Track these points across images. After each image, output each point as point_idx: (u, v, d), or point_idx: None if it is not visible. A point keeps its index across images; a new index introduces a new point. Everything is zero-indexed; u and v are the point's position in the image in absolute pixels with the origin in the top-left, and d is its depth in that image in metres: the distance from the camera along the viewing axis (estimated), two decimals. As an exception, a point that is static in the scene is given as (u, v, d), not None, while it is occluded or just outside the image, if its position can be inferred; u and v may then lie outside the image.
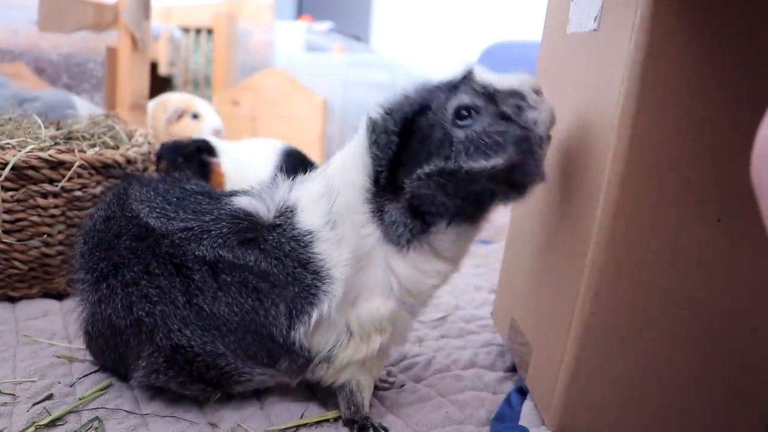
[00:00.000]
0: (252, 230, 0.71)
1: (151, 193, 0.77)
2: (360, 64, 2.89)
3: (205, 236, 0.71)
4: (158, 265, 0.71)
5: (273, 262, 0.69)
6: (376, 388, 0.81)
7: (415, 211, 0.67)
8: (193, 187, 0.79)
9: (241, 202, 0.73)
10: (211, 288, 0.70)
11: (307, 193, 0.72)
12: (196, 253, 0.70)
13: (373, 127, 0.67)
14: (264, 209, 0.72)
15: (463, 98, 0.66)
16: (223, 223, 0.71)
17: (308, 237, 0.69)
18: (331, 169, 0.73)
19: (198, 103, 2.17)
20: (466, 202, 0.66)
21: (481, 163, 0.63)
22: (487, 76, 0.67)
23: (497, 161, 0.63)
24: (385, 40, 5.88)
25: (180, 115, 2.14)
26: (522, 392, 0.82)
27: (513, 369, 0.91)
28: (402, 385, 0.83)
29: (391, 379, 0.84)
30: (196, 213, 0.73)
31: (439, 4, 5.66)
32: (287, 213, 0.71)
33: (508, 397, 0.81)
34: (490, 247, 1.66)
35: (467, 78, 0.67)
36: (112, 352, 0.76)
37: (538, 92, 0.66)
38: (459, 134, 0.65)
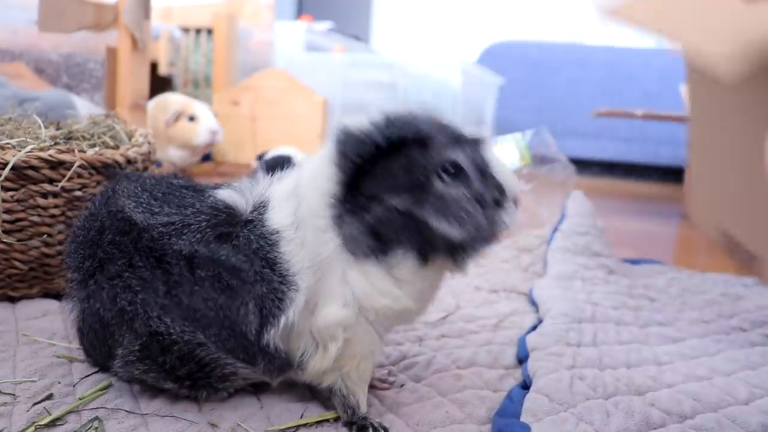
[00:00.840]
0: (229, 224, 0.70)
1: (138, 188, 0.77)
2: (360, 64, 2.89)
3: (185, 230, 0.70)
4: (140, 258, 0.71)
5: (242, 258, 0.68)
6: (376, 388, 0.81)
7: (375, 232, 0.66)
8: (180, 181, 0.80)
9: (223, 195, 0.73)
10: (188, 282, 0.69)
11: (279, 191, 0.72)
12: (175, 248, 0.70)
13: (344, 139, 0.66)
14: (243, 203, 0.72)
15: (461, 158, 0.66)
16: (203, 216, 0.71)
17: (275, 236, 0.68)
18: (303, 169, 0.72)
19: (195, 105, 2.18)
20: (422, 246, 0.66)
21: (443, 227, 0.64)
22: (491, 153, 0.68)
23: (454, 234, 0.65)
24: (385, 40, 5.88)
25: (177, 117, 2.14)
26: (524, 387, 0.83)
27: (513, 366, 0.91)
28: (402, 385, 0.83)
29: (391, 379, 0.84)
30: (180, 207, 0.73)
31: (439, 4, 5.66)
32: (260, 208, 0.71)
33: (510, 392, 0.81)
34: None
35: (475, 141, 0.68)
36: (101, 346, 0.76)
37: (517, 202, 0.68)
38: (438, 186, 0.65)
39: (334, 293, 0.68)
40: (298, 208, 0.69)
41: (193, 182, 0.80)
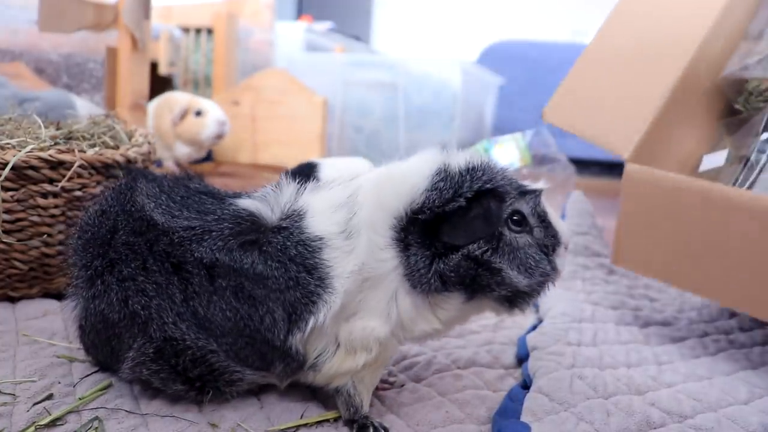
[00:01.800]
0: (254, 232, 0.70)
1: (156, 189, 0.76)
2: (360, 64, 2.89)
3: (206, 237, 0.70)
4: (155, 261, 0.71)
5: (275, 265, 0.68)
6: (376, 388, 0.81)
7: (443, 276, 0.67)
8: (197, 186, 0.79)
9: (245, 204, 0.73)
10: (207, 291, 0.69)
11: (321, 200, 0.72)
12: (195, 255, 0.69)
13: (448, 174, 0.68)
14: (268, 211, 0.72)
15: (525, 209, 0.70)
16: (225, 224, 0.71)
17: (318, 243, 0.69)
18: (359, 182, 0.73)
19: (200, 101, 2.18)
20: (483, 291, 0.69)
21: (514, 275, 0.67)
22: (547, 205, 0.72)
23: (522, 281, 0.68)
24: (385, 40, 5.88)
25: (184, 114, 2.15)
26: (524, 387, 0.83)
27: (513, 366, 0.91)
28: (402, 385, 0.83)
29: (391, 379, 0.84)
30: (200, 213, 0.73)
31: (439, 4, 5.66)
32: (294, 216, 0.71)
33: (510, 392, 0.81)
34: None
35: (534, 194, 0.71)
36: (104, 345, 0.76)
37: (567, 248, 0.73)
38: (508, 236, 0.68)
39: (380, 309, 0.69)
40: (352, 217, 0.69)
41: (210, 187, 0.80)
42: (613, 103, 1.01)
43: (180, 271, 0.70)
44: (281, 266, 0.68)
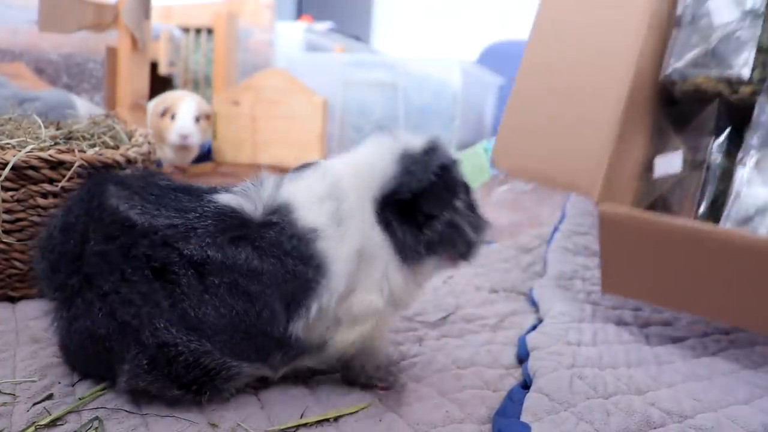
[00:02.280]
0: (241, 227, 0.70)
1: (126, 191, 0.72)
2: (360, 64, 2.89)
3: (191, 234, 0.68)
4: (135, 268, 0.68)
5: (270, 260, 0.69)
6: (377, 387, 0.81)
7: (430, 243, 0.76)
8: (168, 183, 0.76)
9: (226, 199, 0.73)
10: (197, 291, 0.68)
11: (304, 192, 0.74)
12: (184, 253, 0.68)
13: (412, 158, 0.76)
14: (251, 207, 0.72)
15: (465, 178, 0.80)
16: (209, 221, 0.69)
17: (311, 235, 0.71)
18: (336, 171, 0.77)
19: (182, 105, 2.15)
20: (451, 248, 0.78)
21: (470, 232, 0.78)
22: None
23: (475, 237, 0.79)
24: (385, 40, 5.88)
25: (164, 113, 2.14)
26: (524, 386, 0.83)
27: (513, 366, 0.91)
28: (402, 384, 0.83)
29: (390, 378, 0.84)
30: (179, 210, 0.71)
31: (439, 4, 5.66)
32: (281, 211, 0.72)
33: (510, 392, 0.81)
34: (490, 247, 1.66)
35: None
36: (94, 361, 0.74)
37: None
38: (458, 203, 0.78)
39: (374, 284, 0.75)
40: (339, 207, 0.73)
41: (183, 184, 0.77)
42: (563, 136, 0.96)
43: (164, 274, 0.68)
44: (277, 261, 0.69)
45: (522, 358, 0.92)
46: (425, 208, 0.75)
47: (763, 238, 0.79)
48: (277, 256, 0.69)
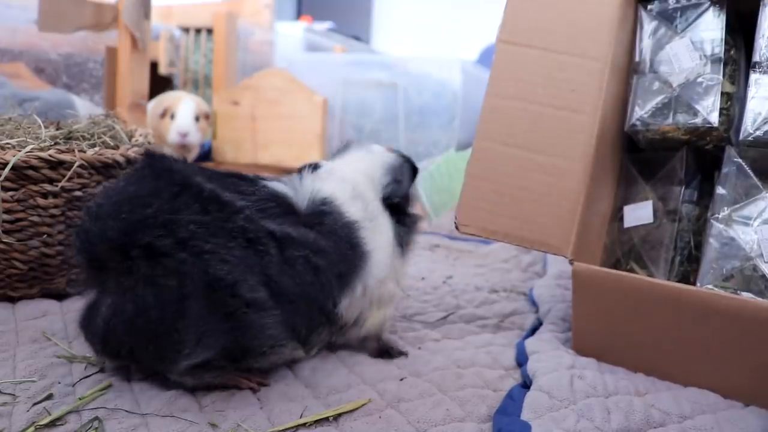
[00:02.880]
0: (293, 213, 0.80)
1: (203, 172, 0.78)
2: (360, 63, 2.89)
3: (267, 214, 0.77)
4: (231, 239, 0.72)
5: (330, 243, 0.81)
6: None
7: (410, 234, 0.96)
8: (214, 170, 0.82)
9: (279, 187, 0.83)
10: (278, 262, 0.75)
11: (337, 190, 0.87)
12: (270, 228, 0.75)
13: (399, 169, 0.97)
14: (295, 196, 0.82)
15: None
16: (272, 203, 0.78)
17: (355, 224, 0.85)
18: (348, 176, 0.91)
19: (181, 105, 2.17)
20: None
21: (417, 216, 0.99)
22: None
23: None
24: (385, 40, 5.88)
25: (163, 113, 2.16)
26: (525, 386, 0.83)
27: (513, 367, 0.91)
28: (402, 379, 0.83)
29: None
30: (241, 193, 0.77)
31: (438, 4, 5.66)
32: (329, 204, 0.84)
33: (510, 391, 0.81)
34: (490, 247, 1.66)
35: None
36: (157, 335, 0.71)
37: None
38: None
39: (391, 273, 0.91)
40: (367, 206, 0.89)
41: (233, 171, 0.83)
42: (530, 194, 0.91)
43: (255, 244, 0.74)
44: (334, 244, 0.81)
45: (522, 359, 0.92)
46: (408, 208, 0.95)
47: (740, 300, 0.77)
48: (334, 241, 0.81)
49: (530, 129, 0.93)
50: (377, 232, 0.88)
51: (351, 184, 0.88)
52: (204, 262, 0.70)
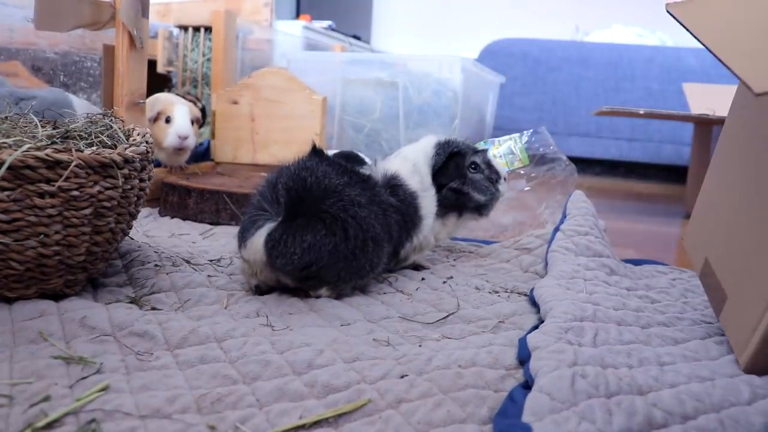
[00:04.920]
0: (374, 186, 1.22)
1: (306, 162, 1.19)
2: (360, 62, 2.88)
3: (380, 188, 1.25)
4: (378, 208, 1.17)
5: (403, 207, 1.26)
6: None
7: (443, 204, 1.39)
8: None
9: (362, 169, 1.26)
10: (390, 221, 1.21)
11: (402, 168, 1.32)
12: (389, 200, 1.23)
13: (438, 149, 1.40)
14: (375, 173, 1.28)
15: (476, 159, 1.42)
16: (365, 182, 1.21)
17: (415, 194, 1.31)
18: (410, 155, 1.37)
19: (176, 107, 2.13)
20: (464, 208, 1.44)
21: (476, 196, 1.42)
22: (491, 156, 1.50)
23: (481, 198, 1.43)
24: (384, 39, 5.87)
25: (156, 117, 2.11)
26: (526, 387, 0.82)
27: (514, 367, 0.90)
28: (402, 376, 0.83)
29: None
30: (339, 175, 1.16)
31: (438, 3, 5.65)
32: (396, 179, 1.29)
33: (511, 392, 0.81)
34: (490, 247, 1.65)
35: (483, 152, 1.44)
36: (358, 257, 1.12)
37: (506, 179, 1.47)
38: (469, 175, 1.41)
39: (432, 231, 1.39)
40: (423, 180, 1.34)
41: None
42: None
43: (386, 210, 1.20)
44: (406, 207, 1.28)
45: (523, 359, 0.91)
46: (437, 180, 1.37)
47: None
48: (406, 205, 1.28)
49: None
50: (428, 200, 1.33)
51: (411, 163, 1.33)
52: (368, 220, 1.12)
